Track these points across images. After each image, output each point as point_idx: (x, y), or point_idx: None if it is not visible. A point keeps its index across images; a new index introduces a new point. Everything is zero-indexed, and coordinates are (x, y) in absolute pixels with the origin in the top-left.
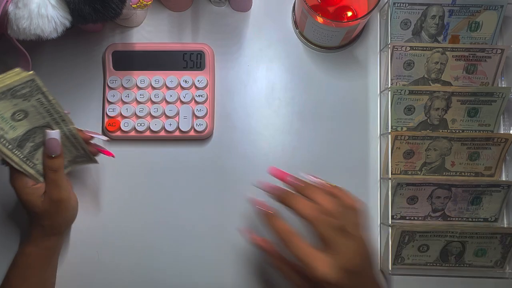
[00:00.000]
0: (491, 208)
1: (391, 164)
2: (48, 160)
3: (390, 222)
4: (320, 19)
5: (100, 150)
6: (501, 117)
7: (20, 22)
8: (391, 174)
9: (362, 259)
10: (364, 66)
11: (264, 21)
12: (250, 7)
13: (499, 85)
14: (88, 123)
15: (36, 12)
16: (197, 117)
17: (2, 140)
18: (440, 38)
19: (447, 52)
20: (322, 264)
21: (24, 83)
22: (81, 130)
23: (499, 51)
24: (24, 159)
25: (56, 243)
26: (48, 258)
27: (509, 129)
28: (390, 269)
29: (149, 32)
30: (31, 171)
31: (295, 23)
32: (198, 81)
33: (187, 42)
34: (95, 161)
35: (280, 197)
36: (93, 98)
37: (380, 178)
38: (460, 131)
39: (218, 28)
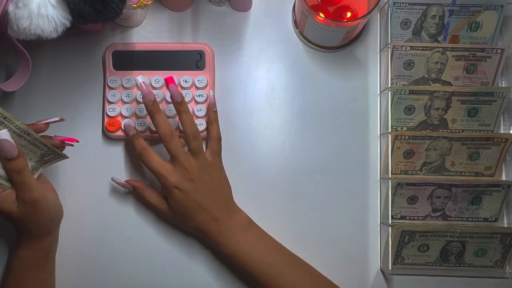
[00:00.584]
0: (491, 208)
1: (391, 164)
2: (7, 163)
3: (390, 222)
4: (320, 19)
5: (62, 140)
6: (501, 117)
7: (20, 22)
8: (391, 174)
9: (202, 173)
10: (364, 66)
11: (264, 21)
12: (250, 7)
13: (499, 85)
14: (88, 123)
15: (36, 12)
16: (197, 117)
17: None
18: (440, 38)
19: (447, 52)
20: (170, 173)
21: None
22: (33, 124)
23: (499, 51)
24: None
25: (50, 243)
26: (44, 259)
27: (509, 129)
28: (390, 269)
29: (149, 32)
30: None
31: (295, 23)
32: (198, 81)
33: (187, 42)
34: (65, 156)
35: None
36: (93, 98)
37: (380, 178)
38: (460, 131)
39: (218, 28)
